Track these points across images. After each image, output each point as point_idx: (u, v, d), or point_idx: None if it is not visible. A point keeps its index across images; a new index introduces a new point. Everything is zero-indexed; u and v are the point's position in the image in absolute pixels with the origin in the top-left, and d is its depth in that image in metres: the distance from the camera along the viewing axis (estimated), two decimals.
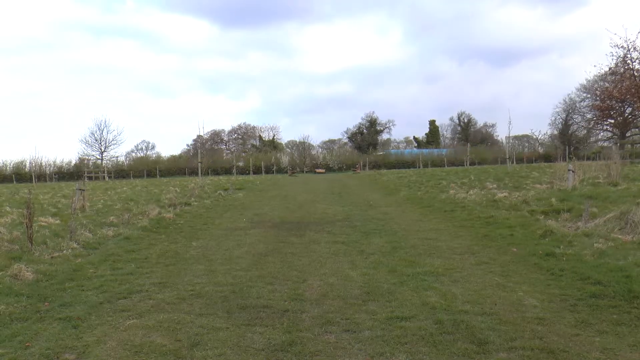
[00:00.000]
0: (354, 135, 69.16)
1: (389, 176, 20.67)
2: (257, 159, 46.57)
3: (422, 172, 22.23)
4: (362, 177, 24.94)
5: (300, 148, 53.15)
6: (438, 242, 5.02)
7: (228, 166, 44.80)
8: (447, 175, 17.56)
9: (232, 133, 68.97)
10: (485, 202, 7.91)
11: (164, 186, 16.78)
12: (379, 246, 4.88)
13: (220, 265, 4.16)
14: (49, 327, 2.57)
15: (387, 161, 48.68)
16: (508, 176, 13.78)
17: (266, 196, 12.61)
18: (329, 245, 5.00)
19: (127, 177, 40.65)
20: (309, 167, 47.10)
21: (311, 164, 48.61)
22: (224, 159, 53.25)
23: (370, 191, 13.90)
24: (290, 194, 13.36)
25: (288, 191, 14.60)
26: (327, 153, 54.76)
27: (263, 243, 5.26)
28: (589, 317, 2.55)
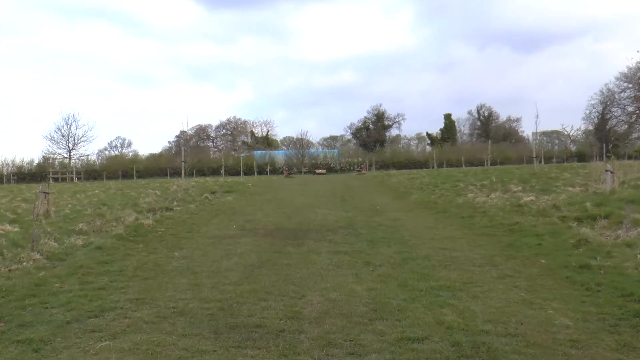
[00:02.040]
0: (358, 131, 69.27)
1: (398, 177, 20.72)
2: (249, 157, 46.79)
3: (437, 173, 22.26)
4: (368, 178, 24.98)
5: (297, 145, 53.10)
6: (455, 253, 5.02)
7: (215, 166, 44.80)
8: (464, 176, 17.58)
9: (220, 128, 69.13)
10: (508, 207, 7.91)
11: (142, 189, 16.78)
12: (387, 257, 4.88)
13: (206, 278, 4.17)
14: (5, 352, 2.47)
15: (397, 160, 48.79)
16: (535, 177, 13.78)
17: (259, 200, 12.62)
18: (330, 256, 5.00)
19: (100, 179, 40.51)
20: (307, 167, 47.18)
21: (310, 164, 48.76)
22: (211, 158, 53.26)
23: (377, 194, 13.93)
24: (287, 197, 13.38)
25: (284, 194, 14.61)
26: (329, 151, 55.11)
27: (256, 253, 5.25)
28: (632, 339, 2.47)
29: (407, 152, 55.29)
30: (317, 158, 49.96)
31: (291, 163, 48.46)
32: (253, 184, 20.38)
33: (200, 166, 44.33)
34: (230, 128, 68.93)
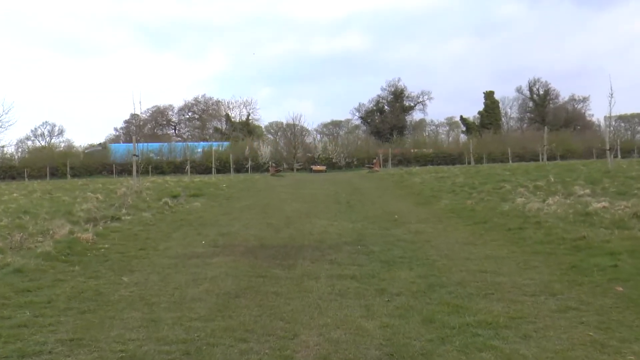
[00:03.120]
0: (369, 114, 69.89)
1: (422, 176, 20.78)
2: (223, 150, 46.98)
3: (474, 171, 22.35)
4: (381, 177, 25.08)
5: (288, 134, 53.31)
6: (498, 277, 5.04)
7: (179, 161, 45.07)
8: (512, 174, 17.68)
9: (185, 111, 69.60)
10: (572, 216, 7.94)
11: (78, 191, 16.80)
12: (407, 283, 4.89)
13: (166, 311, 4.19)
14: None
15: (421, 154, 49.18)
16: (608, 177, 13.84)
17: (237, 207, 12.71)
18: (331, 282, 5.02)
19: (19, 178, 40.04)
20: (301, 163, 47.44)
21: (305, 158, 48.99)
22: None
23: (394, 199, 14.05)
24: (274, 203, 13.48)
25: (270, 199, 14.69)
26: (330, 141, 55.27)
27: (232, 278, 5.27)
28: None
29: (434, 143, 55.62)
30: (314, 150, 50.15)
31: (279, 157, 48.60)
32: (229, 184, 20.47)
33: (158, 161, 44.53)
34: (198, 110, 69.21)
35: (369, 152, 49.37)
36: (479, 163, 36.99)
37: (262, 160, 46.69)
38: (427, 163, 45.84)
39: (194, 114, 69.13)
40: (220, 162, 40.16)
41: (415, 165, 41.98)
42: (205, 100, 68.57)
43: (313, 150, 50.50)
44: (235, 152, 44.91)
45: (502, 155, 43.66)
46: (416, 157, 48.75)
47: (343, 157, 48.80)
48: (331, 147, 49.90)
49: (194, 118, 69.24)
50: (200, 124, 67.78)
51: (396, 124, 62.37)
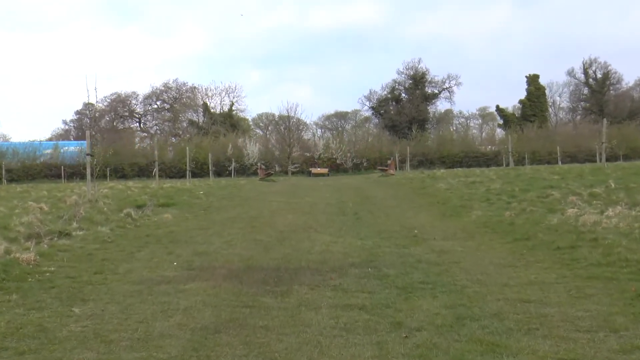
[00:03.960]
0: (382, 104, 70.27)
1: (449, 181, 20.81)
2: (201, 148, 47.07)
3: (514, 174, 22.37)
4: (398, 182, 25.15)
5: (281, 128, 53.58)
6: (545, 308, 5.04)
7: (144, 163, 45.14)
8: (561, 179, 17.69)
9: (152, 99, 70.06)
10: (638, 232, 7.94)
11: (17, 200, 16.78)
12: (430, 315, 4.91)
13: (128, 351, 4.19)
14: None
15: (447, 153, 49.45)
16: None
17: (217, 219, 12.77)
18: (335, 313, 5.03)
19: None
20: (298, 164, 47.69)
21: (303, 159, 49.19)
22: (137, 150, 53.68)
23: (413, 210, 14.13)
24: (264, 214, 13.54)
25: (259, 209, 14.77)
26: (333, 137, 55.51)
27: (211, 308, 5.28)
28: None
29: (463, 139, 55.90)
30: (313, 148, 50.31)
31: (270, 157, 48.73)
32: (207, 191, 20.55)
33: (119, 162, 44.63)
34: (168, 99, 69.63)
35: (382, 151, 49.54)
36: (519, 164, 37.05)
37: (248, 161, 46.88)
38: (455, 165, 45.98)
39: (164, 103, 69.49)
40: (197, 164, 40.26)
41: (440, 167, 42.14)
42: (177, 87, 69.01)
43: (312, 149, 50.72)
44: (215, 150, 45.02)
45: (549, 154, 43.69)
46: (441, 157, 48.94)
47: (350, 158, 49.01)
48: (335, 145, 50.15)
49: (163, 108, 69.58)
50: (172, 115, 68.04)
51: (416, 116, 62.62)
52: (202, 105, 67.87)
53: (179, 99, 68.74)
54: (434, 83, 68.82)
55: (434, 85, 69.05)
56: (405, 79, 68.11)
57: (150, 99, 69.22)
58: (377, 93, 69.34)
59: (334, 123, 77.15)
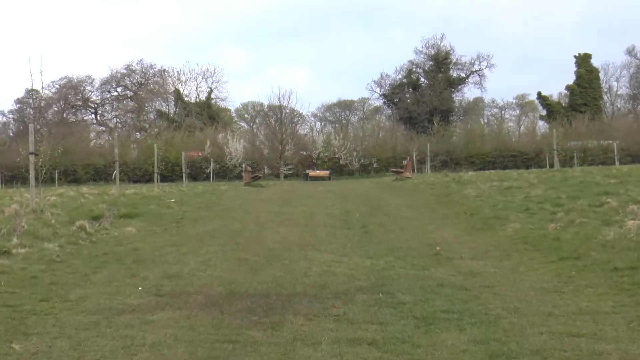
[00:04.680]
0: (397, 91, 70.44)
1: (480, 186, 20.85)
2: (172, 145, 47.13)
3: (560, 177, 22.38)
4: (415, 187, 25.20)
5: (271, 120, 53.65)
6: (599, 343, 5.03)
7: (102, 164, 45.19)
8: (619, 183, 17.65)
9: (112, 85, 70.06)
10: None
11: None
12: (455, 353, 4.91)
13: None
14: None
15: (477, 152, 49.50)
16: None
17: (193, 233, 12.79)
18: (338, 349, 5.03)
19: None
20: (292, 166, 47.74)
21: (298, 158, 49.25)
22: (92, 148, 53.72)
23: (435, 221, 14.15)
24: (250, 227, 13.56)
25: (244, 221, 14.77)
26: (336, 132, 55.52)
27: (185, 344, 5.26)
28: None
29: (497, 135, 55.90)
30: (311, 146, 50.38)
31: (258, 156, 48.78)
32: (180, 199, 20.59)
33: (71, 163, 44.69)
34: (132, 85, 69.75)
35: (397, 149, 49.67)
36: (566, 166, 36.98)
37: (231, 162, 46.99)
38: (487, 166, 46.07)
39: (126, 89, 69.59)
40: (167, 165, 40.41)
41: (468, 169, 42.22)
42: (143, 69, 69.14)
43: (310, 147, 50.85)
44: (190, 148, 45.14)
45: (603, 153, 43.69)
46: (469, 156, 49.09)
47: (356, 157, 49.17)
48: (338, 142, 50.31)
49: (125, 96, 69.65)
50: (136, 105, 68.09)
51: (438, 105, 62.80)
52: (173, 92, 68.05)
53: (145, 85, 68.85)
54: (460, 65, 69.23)
55: (461, 68, 69.47)
56: (424, 60, 68.50)
57: (109, 85, 69.27)
58: (390, 77, 69.70)
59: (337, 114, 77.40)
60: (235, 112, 75.99)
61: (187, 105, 65.77)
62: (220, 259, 9.46)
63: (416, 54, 68.77)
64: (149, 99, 68.17)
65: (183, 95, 67.68)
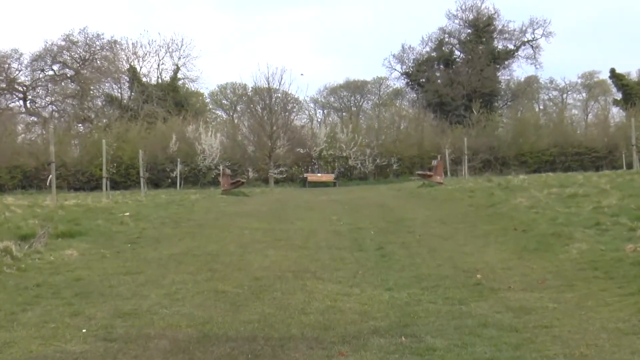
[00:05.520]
0: (423, 68, 70.27)
1: (534, 193, 20.81)
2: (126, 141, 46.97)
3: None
4: (449, 195, 25.21)
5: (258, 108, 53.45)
6: None
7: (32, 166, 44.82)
8: None
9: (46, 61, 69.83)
10: None
11: None
12: None
13: None
14: None
15: (532, 148, 49.18)
16: None
17: (154, 258, 12.82)
18: None
19: None
20: (286, 168, 47.58)
21: (294, 158, 49.10)
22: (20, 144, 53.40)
23: (474, 240, 14.16)
24: (230, 249, 13.62)
25: (223, 241, 14.84)
26: (343, 123, 55.21)
27: None
28: None
29: (557, 125, 55.48)
30: (310, 141, 50.28)
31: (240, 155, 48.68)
32: (138, 212, 20.62)
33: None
34: (72, 61, 69.69)
35: (424, 145, 49.62)
36: None
37: (204, 163, 46.92)
38: (543, 166, 46.04)
39: (65, 67, 69.53)
40: (120, 167, 40.36)
41: (519, 170, 42.15)
42: (87, 41, 69.17)
43: (309, 142, 50.88)
44: (150, 145, 45.13)
45: None
46: (520, 154, 48.97)
47: (370, 156, 49.09)
48: (346, 135, 50.29)
49: (64, 77, 69.63)
50: (79, 88, 68.09)
51: (478, 87, 62.79)
52: (127, 71, 68.04)
53: (90, 62, 68.87)
54: (507, 34, 69.22)
55: (508, 38, 69.51)
56: (460, 28, 68.59)
57: (43, 62, 68.97)
58: (414, 51, 69.81)
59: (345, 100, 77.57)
60: (210, 97, 76.38)
61: (145, 88, 65.70)
62: (190, 292, 9.46)
63: (449, 19, 68.95)
64: (95, 79, 68.09)
65: (140, 74, 67.62)
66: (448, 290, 9.21)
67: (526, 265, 11.07)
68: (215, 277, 10.53)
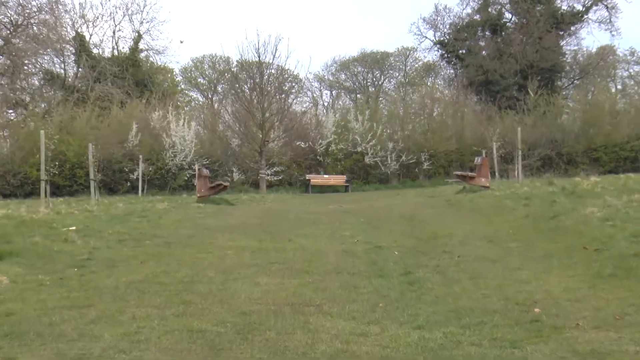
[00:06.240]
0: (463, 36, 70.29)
1: (609, 200, 20.74)
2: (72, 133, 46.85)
3: None
4: (496, 203, 25.23)
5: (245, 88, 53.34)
6: None
7: None
8: None
9: None
10: None
11: None
12: None
13: None
14: None
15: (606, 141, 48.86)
16: None
17: (108, 287, 12.79)
18: None
19: None
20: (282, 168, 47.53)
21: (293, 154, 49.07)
22: None
23: (531, 263, 14.17)
24: (209, 275, 13.64)
25: (199, 264, 14.88)
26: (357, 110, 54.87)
27: None
28: None
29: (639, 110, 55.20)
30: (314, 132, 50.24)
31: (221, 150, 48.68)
32: (88, 226, 20.67)
33: None
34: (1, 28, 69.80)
35: (464, 137, 49.62)
36: None
37: (175, 161, 46.89)
38: (622, 165, 46.00)
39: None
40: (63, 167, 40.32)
41: (590, 171, 42.06)
42: (21, 2, 69.26)
43: (312, 133, 50.93)
44: (104, 138, 45.14)
45: None
46: (590, 148, 48.79)
47: (393, 152, 48.97)
48: (361, 125, 50.21)
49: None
50: (9, 62, 68.25)
51: (536, 60, 62.69)
52: (72, 40, 68.06)
53: (24, 28, 68.92)
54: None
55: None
56: None
57: None
58: (451, 13, 70.03)
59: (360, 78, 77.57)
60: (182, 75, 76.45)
61: (97, 62, 65.66)
62: (156, 331, 9.46)
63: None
64: (30, 51, 68.07)
65: (90, 45, 67.69)
66: (496, 328, 9.20)
67: (599, 295, 11.04)
68: (189, 312, 10.52)
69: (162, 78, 68.62)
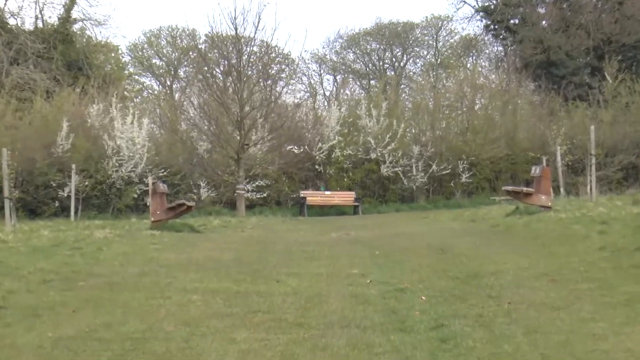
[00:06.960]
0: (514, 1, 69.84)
1: None
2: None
3: None
4: (562, 229, 25.32)
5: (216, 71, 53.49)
6: None
7: None
8: None
9: None
10: None
11: None
12: None
13: None
14: None
15: None
16: None
17: (27, 345, 12.80)
18: None
19: None
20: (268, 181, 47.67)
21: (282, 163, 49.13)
22: None
23: (608, 310, 14.15)
24: (165, 330, 13.73)
25: (151, 314, 14.97)
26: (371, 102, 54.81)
27: None
28: None
29: None
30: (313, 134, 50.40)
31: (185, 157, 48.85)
32: None
33: None
34: None
35: (517, 139, 49.82)
36: None
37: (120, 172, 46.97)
38: None
39: None
40: None
41: None
42: None
43: (309, 134, 51.05)
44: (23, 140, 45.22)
45: None
46: None
47: (420, 159, 49.04)
48: (376, 122, 50.25)
49: None
50: None
51: (613, 35, 62.76)
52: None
53: None
54: None
55: None
56: None
57: None
58: None
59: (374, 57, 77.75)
60: (131, 54, 76.60)
61: (14, 36, 65.92)
62: None
63: None
64: None
65: (4, 14, 68.01)
66: None
67: None
68: None
69: (104, 58, 68.82)
